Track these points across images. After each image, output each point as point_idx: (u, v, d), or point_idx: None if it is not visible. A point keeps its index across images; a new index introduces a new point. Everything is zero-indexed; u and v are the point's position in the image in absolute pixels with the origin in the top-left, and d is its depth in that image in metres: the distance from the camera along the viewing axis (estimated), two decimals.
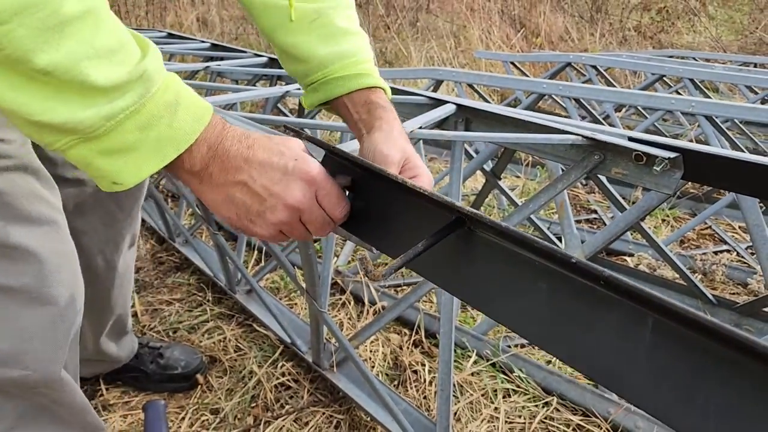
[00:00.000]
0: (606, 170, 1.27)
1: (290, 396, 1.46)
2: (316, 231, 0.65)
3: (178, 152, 0.56)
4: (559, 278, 0.52)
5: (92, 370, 1.42)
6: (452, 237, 0.59)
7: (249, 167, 0.60)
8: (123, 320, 1.39)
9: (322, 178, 0.63)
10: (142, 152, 0.54)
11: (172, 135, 0.55)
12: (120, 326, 1.39)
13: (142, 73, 0.53)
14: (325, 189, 0.63)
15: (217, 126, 0.59)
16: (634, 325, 0.49)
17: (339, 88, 0.85)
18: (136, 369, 1.47)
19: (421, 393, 1.47)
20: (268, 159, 0.60)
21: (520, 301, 0.56)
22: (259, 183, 0.60)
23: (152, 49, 0.56)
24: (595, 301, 0.50)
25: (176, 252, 2.12)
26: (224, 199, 0.61)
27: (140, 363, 1.47)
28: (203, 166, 0.58)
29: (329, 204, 0.64)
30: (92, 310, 1.27)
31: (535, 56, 3.45)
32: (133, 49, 0.54)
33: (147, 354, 1.49)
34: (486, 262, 0.58)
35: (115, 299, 1.31)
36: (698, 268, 1.97)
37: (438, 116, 1.40)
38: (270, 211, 0.61)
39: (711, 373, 0.47)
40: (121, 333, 1.41)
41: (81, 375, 1.18)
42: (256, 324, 1.70)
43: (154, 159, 0.55)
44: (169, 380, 1.46)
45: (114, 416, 1.40)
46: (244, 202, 0.61)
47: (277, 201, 0.61)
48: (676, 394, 0.47)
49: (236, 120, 1.04)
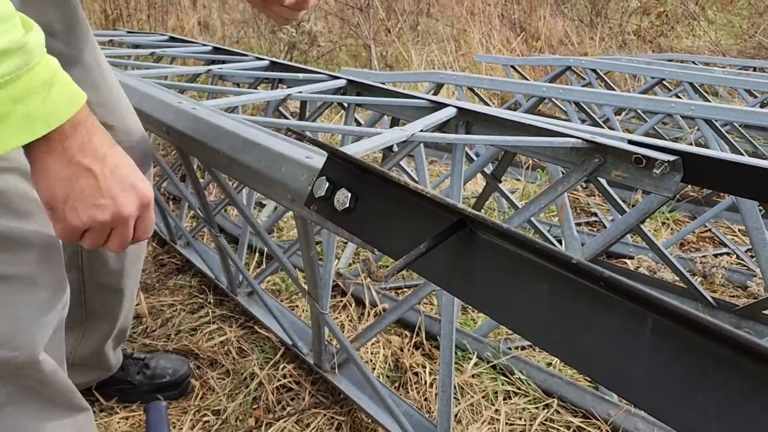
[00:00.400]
0: (606, 173, 1.28)
1: (291, 398, 1.46)
2: (116, 246, 0.68)
3: (48, 129, 0.56)
4: (559, 279, 0.52)
5: (85, 379, 1.38)
6: (454, 238, 0.60)
7: (104, 162, 0.62)
8: (127, 326, 1.39)
9: (151, 206, 0.68)
10: (10, 125, 0.54)
11: (44, 112, 0.56)
12: (123, 332, 1.39)
13: (23, 45, 0.53)
14: (150, 217, 0.68)
15: (87, 113, 0.61)
16: (634, 325, 0.50)
17: None
18: (123, 381, 1.45)
19: (422, 395, 1.48)
20: (125, 166, 0.64)
21: (521, 302, 0.56)
22: (108, 181, 0.63)
23: (36, 28, 0.57)
24: (595, 302, 0.51)
25: (178, 254, 2.13)
26: (66, 177, 0.61)
27: (126, 375, 1.45)
28: (62, 139, 0.59)
29: (144, 230, 0.69)
30: (106, 314, 1.28)
31: (535, 60, 3.47)
32: (16, 23, 0.54)
33: (132, 365, 1.47)
34: (487, 264, 0.59)
35: (126, 303, 1.32)
36: (698, 270, 1.98)
37: (439, 119, 1.41)
38: (100, 209, 0.63)
39: (710, 373, 0.47)
40: (121, 339, 1.41)
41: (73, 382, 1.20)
42: (257, 326, 1.71)
43: (22, 133, 0.55)
44: (159, 389, 1.45)
45: (115, 418, 1.40)
46: (83, 191, 0.62)
47: (112, 205, 0.63)
48: (675, 394, 0.48)
49: (238, 122, 1.05)
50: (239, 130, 1.01)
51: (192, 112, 1.14)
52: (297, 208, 0.85)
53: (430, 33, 4.39)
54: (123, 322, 1.35)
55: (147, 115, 1.22)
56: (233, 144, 0.99)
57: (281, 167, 0.88)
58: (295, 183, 0.84)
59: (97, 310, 1.29)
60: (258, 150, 0.94)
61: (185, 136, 1.11)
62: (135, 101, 1.26)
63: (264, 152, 0.92)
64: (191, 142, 1.10)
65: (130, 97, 1.29)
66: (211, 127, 1.07)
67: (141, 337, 1.68)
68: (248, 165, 0.94)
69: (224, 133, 1.02)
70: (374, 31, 4.10)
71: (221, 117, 1.10)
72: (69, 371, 1.36)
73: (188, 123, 1.12)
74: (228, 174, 1.10)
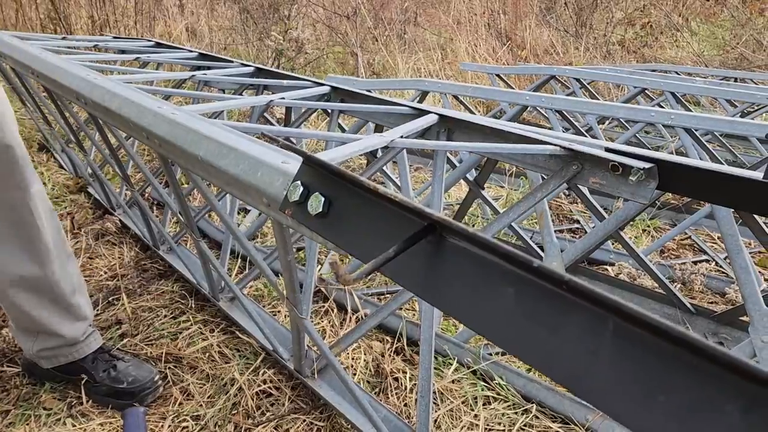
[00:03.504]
0: (584, 180, 1.29)
1: (271, 403, 1.46)
2: None
3: None
4: (524, 282, 0.53)
5: (44, 344, 1.43)
6: (423, 243, 0.61)
7: None
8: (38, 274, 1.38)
9: None
10: None
11: None
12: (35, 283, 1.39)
13: None
14: None
15: None
16: (596, 328, 0.50)
17: None
18: (89, 373, 1.46)
19: (402, 400, 1.48)
20: None
21: (488, 306, 0.57)
22: None
23: None
24: (557, 305, 0.51)
25: (160, 259, 2.12)
26: None
27: (94, 368, 1.46)
28: None
29: None
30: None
31: (520, 69, 3.50)
32: None
33: (103, 361, 1.48)
34: (456, 268, 0.60)
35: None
36: (677, 277, 2.00)
37: (420, 126, 1.42)
38: None
39: (670, 375, 0.48)
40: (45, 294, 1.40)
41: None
42: (238, 331, 1.71)
43: None
44: (113, 395, 1.44)
45: (92, 424, 1.39)
46: None
47: None
48: (635, 396, 0.49)
49: (216, 127, 1.05)
50: (216, 135, 1.01)
51: (171, 117, 1.14)
52: (273, 212, 0.85)
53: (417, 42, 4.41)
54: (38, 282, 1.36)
55: (127, 120, 1.22)
56: (210, 149, 0.99)
57: (257, 172, 0.88)
58: (270, 188, 0.85)
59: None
60: (234, 155, 0.94)
61: (164, 141, 1.11)
62: (115, 106, 1.26)
63: (240, 157, 0.93)
64: (170, 147, 1.10)
65: (111, 102, 1.29)
66: (188, 131, 1.07)
67: (121, 340, 1.67)
68: (225, 170, 0.94)
69: (201, 138, 1.02)
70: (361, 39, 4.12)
71: (199, 122, 1.10)
72: (30, 337, 1.43)
73: (167, 128, 1.12)
74: (206, 179, 1.10)
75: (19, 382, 1.51)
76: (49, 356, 1.45)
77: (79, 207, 2.52)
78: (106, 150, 1.92)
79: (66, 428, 1.38)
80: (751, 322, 1.27)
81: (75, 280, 1.44)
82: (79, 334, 1.44)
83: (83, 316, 1.45)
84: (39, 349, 1.43)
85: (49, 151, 3.19)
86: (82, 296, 1.46)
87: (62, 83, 1.47)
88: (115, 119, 1.28)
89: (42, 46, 2.06)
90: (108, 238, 2.26)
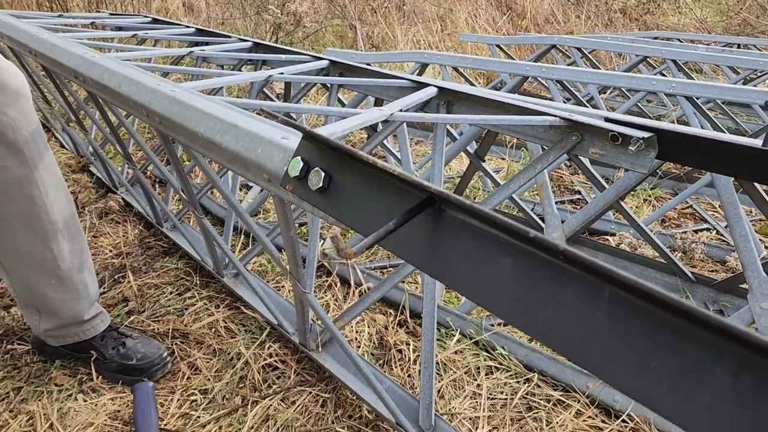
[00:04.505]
0: (584, 150, 1.29)
1: (277, 376, 1.49)
2: None
3: None
4: (521, 253, 0.54)
5: (49, 325, 1.45)
6: (422, 216, 0.61)
7: None
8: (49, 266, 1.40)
9: None
10: None
11: None
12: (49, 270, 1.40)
13: None
14: None
15: None
16: (592, 297, 0.51)
17: None
18: (98, 350, 1.48)
19: (406, 371, 1.51)
20: None
21: (487, 277, 0.58)
22: None
23: None
24: (555, 275, 0.52)
25: (164, 237, 2.13)
26: None
27: (103, 346, 1.49)
28: None
29: None
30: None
31: (520, 39, 3.45)
32: None
33: (113, 339, 1.51)
34: (455, 240, 0.61)
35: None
36: (678, 246, 2.01)
37: (419, 99, 1.42)
38: None
39: (663, 341, 0.49)
40: (55, 279, 1.42)
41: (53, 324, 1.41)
42: (243, 306, 1.73)
43: None
44: (122, 371, 1.47)
45: (103, 399, 1.42)
46: None
47: None
48: (630, 362, 0.50)
49: (216, 104, 1.06)
50: (216, 112, 1.01)
51: (170, 94, 1.14)
52: (273, 188, 0.86)
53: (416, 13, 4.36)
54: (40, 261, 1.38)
55: (126, 98, 1.22)
56: (210, 126, 0.99)
57: (257, 148, 0.89)
58: (270, 163, 0.85)
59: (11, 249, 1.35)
60: (234, 131, 0.94)
61: (164, 118, 1.12)
62: (114, 84, 1.26)
63: (240, 133, 0.93)
64: (170, 124, 1.11)
65: (110, 80, 1.29)
66: (188, 108, 1.07)
67: (128, 318, 1.69)
68: (226, 147, 0.95)
69: (201, 115, 1.03)
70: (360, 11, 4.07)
71: (199, 99, 1.10)
72: (34, 315, 1.46)
73: (167, 105, 1.13)
74: (207, 156, 1.11)
75: (29, 360, 1.53)
76: (56, 336, 1.48)
77: (82, 186, 2.53)
78: (107, 128, 1.92)
79: (77, 404, 1.40)
80: (750, 289, 1.28)
81: (83, 258, 1.45)
82: (84, 313, 1.46)
83: (88, 296, 1.47)
84: (45, 328, 1.45)
85: (50, 130, 3.19)
86: (90, 275, 1.48)
87: (60, 62, 1.47)
88: (114, 97, 1.28)
89: (38, 24, 2.05)
90: (112, 217, 2.28)
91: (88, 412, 1.38)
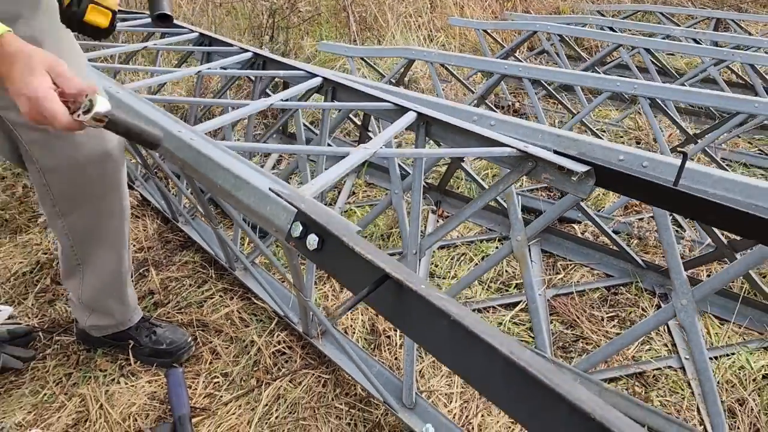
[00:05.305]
0: (537, 175, 1.54)
1: (285, 360, 1.77)
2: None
3: None
4: (450, 321, 0.80)
5: (102, 322, 1.72)
6: (386, 285, 0.87)
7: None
8: (116, 279, 1.66)
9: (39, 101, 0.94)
10: None
11: None
12: (115, 283, 1.66)
13: None
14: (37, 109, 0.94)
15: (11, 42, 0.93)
16: (490, 354, 0.78)
17: None
18: (135, 339, 1.77)
19: (393, 354, 1.79)
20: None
21: (432, 332, 0.84)
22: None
23: None
24: (471, 340, 0.79)
25: (180, 231, 2.39)
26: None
27: (138, 334, 1.77)
28: None
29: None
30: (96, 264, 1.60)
31: (505, 24, 3.62)
32: None
33: (145, 328, 1.79)
34: (407, 306, 0.87)
35: (107, 256, 1.61)
36: (634, 234, 2.27)
37: (402, 126, 1.65)
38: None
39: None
40: (118, 290, 1.68)
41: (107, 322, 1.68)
42: (254, 298, 2.00)
43: None
44: (155, 354, 1.75)
45: (141, 381, 1.71)
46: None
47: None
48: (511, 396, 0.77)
49: (233, 157, 1.28)
50: (231, 166, 1.25)
51: (189, 142, 1.37)
52: (280, 238, 1.12)
53: None
54: (112, 273, 1.64)
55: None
56: (227, 179, 1.23)
57: (266, 206, 1.14)
58: (277, 220, 1.10)
59: (88, 261, 1.59)
60: (247, 188, 1.19)
61: (185, 163, 1.34)
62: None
63: (251, 191, 1.18)
64: (191, 170, 1.34)
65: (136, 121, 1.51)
66: (206, 159, 1.30)
67: (155, 309, 1.97)
68: (240, 199, 1.20)
69: (218, 168, 1.26)
70: None
71: (214, 149, 1.33)
72: (86, 313, 1.70)
73: (187, 152, 1.35)
74: (226, 201, 1.35)
75: (76, 349, 1.82)
76: (100, 328, 1.76)
77: None
78: None
79: (120, 386, 1.70)
80: (673, 288, 1.54)
81: (130, 262, 1.72)
82: (126, 318, 1.74)
83: (130, 303, 1.74)
84: (92, 324, 1.73)
85: None
86: (131, 286, 1.74)
87: None
88: None
89: None
90: (131, 211, 2.53)
91: (130, 393, 1.67)
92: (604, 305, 2.04)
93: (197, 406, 1.63)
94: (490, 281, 2.15)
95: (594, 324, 1.95)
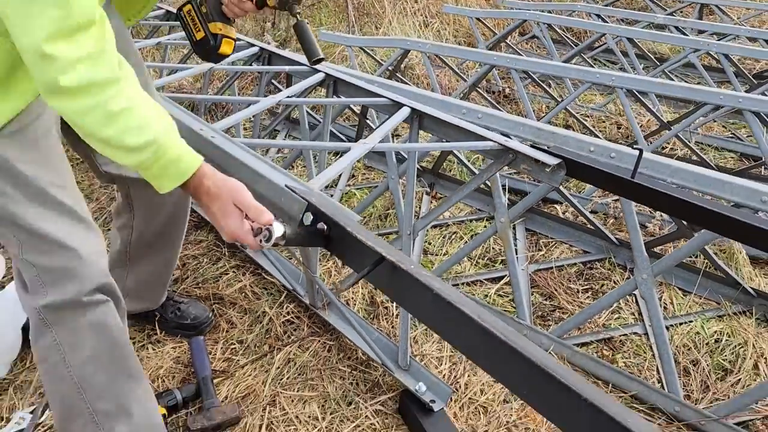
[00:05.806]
0: (517, 165, 1.75)
1: (294, 329, 2.00)
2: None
3: (181, 182, 1.11)
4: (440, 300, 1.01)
5: (139, 306, 1.92)
6: (380, 267, 1.08)
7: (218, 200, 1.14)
8: (161, 275, 1.89)
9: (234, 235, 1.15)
10: (165, 179, 1.10)
11: (176, 173, 1.10)
12: (160, 277, 1.89)
13: (153, 140, 1.05)
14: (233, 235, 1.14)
15: (204, 173, 1.13)
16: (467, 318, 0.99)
17: None
18: (160, 314, 1.98)
19: (390, 323, 2.02)
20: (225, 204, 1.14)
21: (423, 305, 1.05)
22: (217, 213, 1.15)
23: (167, 124, 1.10)
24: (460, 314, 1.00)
25: (193, 211, 2.59)
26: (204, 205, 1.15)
27: (164, 311, 1.98)
28: (195, 186, 1.13)
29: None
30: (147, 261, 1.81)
31: (496, 13, 3.79)
32: (151, 126, 1.05)
33: (171, 305, 2.00)
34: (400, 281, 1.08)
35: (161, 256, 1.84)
36: (611, 213, 2.49)
37: (397, 122, 1.86)
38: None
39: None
40: (161, 282, 1.91)
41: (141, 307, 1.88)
42: (264, 273, 2.22)
43: (171, 183, 1.10)
44: (180, 327, 1.97)
45: (166, 348, 1.93)
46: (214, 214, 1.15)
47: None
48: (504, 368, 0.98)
49: (251, 155, 1.48)
50: (251, 163, 1.46)
51: (210, 140, 1.58)
52: (293, 225, 1.33)
53: None
54: (160, 274, 1.86)
55: None
56: (246, 174, 1.44)
57: (281, 197, 1.35)
58: (291, 210, 1.31)
59: (139, 262, 1.82)
60: (263, 182, 1.40)
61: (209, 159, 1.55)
62: None
63: (268, 184, 1.39)
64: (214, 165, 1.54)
65: None
66: (228, 156, 1.51)
67: (176, 284, 2.18)
68: (258, 191, 1.40)
69: (240, 165, 1.47)
70: None
71: (234, 147, 1.54)
72: (125, 299, 1.93)
73: (210, 150, 1.56)
74: None
75: None
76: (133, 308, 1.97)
77: None
78: None
79: (148, 352, 1.92)
80: (635, 264, 1.76)
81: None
82: (158, 301, 1.95)
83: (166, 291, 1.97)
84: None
85: None
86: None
87: None
88: None
89: None
90: None
91: (158, 358, 1.90)
92: (580, 279, 2.26)
93: (217, 369, 1.86)
94: (478, 257, 2.37)
95: (570, 296, 2.18)
